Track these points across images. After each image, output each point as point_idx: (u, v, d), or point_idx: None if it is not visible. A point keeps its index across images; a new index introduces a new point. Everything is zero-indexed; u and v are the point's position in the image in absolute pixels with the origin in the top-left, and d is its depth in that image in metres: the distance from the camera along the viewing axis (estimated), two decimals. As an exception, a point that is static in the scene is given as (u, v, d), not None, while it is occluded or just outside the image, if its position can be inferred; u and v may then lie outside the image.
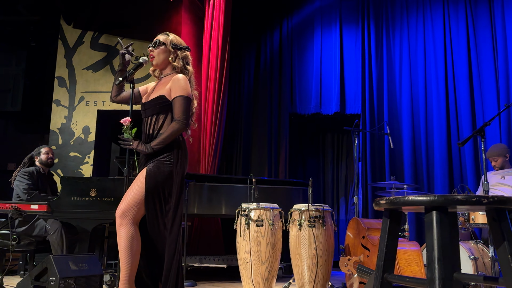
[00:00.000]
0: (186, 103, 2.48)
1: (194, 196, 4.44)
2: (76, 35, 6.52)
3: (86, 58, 6.46)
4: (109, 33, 6.49)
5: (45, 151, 4.50)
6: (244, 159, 6.68)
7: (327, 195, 6.74)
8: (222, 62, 6.09)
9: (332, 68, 6.53)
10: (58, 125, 6.30)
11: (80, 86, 6.39)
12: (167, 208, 2.43)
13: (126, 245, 2.32)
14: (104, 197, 3.88)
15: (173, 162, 2.46)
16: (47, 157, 4.48)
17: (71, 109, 6.34)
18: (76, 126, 6.28)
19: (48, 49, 7.07)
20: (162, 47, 2.61)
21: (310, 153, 7.01)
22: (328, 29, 6.68)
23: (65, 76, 6.44)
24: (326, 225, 3.66)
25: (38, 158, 4.47)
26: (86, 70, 6.43)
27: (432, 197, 1.04)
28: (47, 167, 4.51)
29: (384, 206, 1.19)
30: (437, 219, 1.04)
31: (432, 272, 0.99)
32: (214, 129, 5.97)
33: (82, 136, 6.24)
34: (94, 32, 6.51)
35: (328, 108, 6.46)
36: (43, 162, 4.45)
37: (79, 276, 3.18)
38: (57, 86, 6.43)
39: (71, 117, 6.31)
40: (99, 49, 6.47)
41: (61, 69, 6.47)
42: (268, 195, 4.47)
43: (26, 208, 3.66)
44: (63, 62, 6.49)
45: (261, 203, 3.73)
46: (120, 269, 2.36)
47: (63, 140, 6.24)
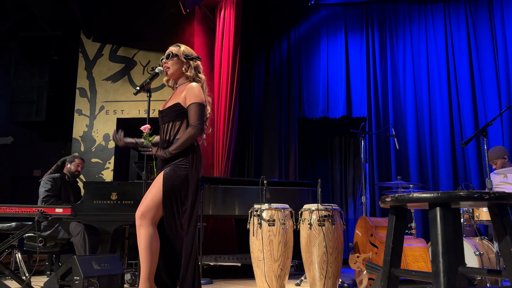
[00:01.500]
0: (200, 110, 2.50)
1: (209, 198, 4.45)
2: (95, 48, 6.61)
3: (105, 69, 6.54)
4: (126, 45, 6.56)
5: (77, 163, 4.52)
6: (256, 162, 6.68)
7: (336, 196, 6.71)
8: (233, 70, 6.11)
9: (338, 74, 6.52)
10: (80, 133, 6.38)
11: (100, 96, 6.46)
12: (184, 210, 2.45)
13: (145, 244, 2.34)
14: (124, 200, 3.92)
15: (188, 166, 2.48)
16: (76, 169, 4.52)
17: (92, 118, 6.42)
18: (97, 134, 6.35)
19: (70, 62, 7.17)
20: (175, 58, 2.64)
21: (319, 155, 6.99)
22: (334, 36, 6.68)
23: (86, 87, 6.52)
24: (335, 223, 3.64)
25: (69, 165, 4.51)
26: (106, 81, 6.50)
27: (436, 194, 1.04)
28: (73, 177, 4.55)
29: (389, 204, 1.19)
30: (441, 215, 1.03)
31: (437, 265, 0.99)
32: (226, 134, 5.99)
33: (102, 143, 6.31)
34: (113, 45, 6.58)
35: (335, 112, 6.45)
36: (71, 172, 4.50)
37: (101, 275, 3.21)
38: (78, 96, 6.51)
39: (92, 126, 6.38)
40: (117, 61, 6.55)
41: (82, 80, 6.55)
42: (279, 196, 4.46)
43: (51, 212, 3.70)
44: (83, 74, 6.57)
45: (273, 204, 3.73)
46: (140, 268, 2.38)
47: (85, 147, 6.31)
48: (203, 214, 4.18)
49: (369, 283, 3.34)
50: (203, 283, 3.86)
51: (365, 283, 3.39)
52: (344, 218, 6.31)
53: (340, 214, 3.78)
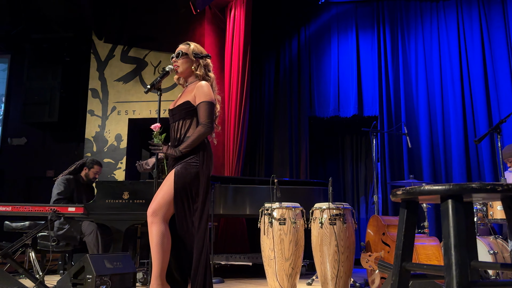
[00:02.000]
0: (209, 108, 2.52)
1: (220, 197, 4.46)
2: (107, 49, 6.67)
3: (117, 70, 6.60)
4: (137, 46, 6.61)
5: (96, 171, 4.56)
6: (266, 161, 6.68)
7: (347, 195, 6.68)
8: (243, 69, 6.13)
9: (350, 73, 6.50)
10: (93, 133, 6.45)
11: (112, 96, 6.53)
12: (195, 207, 2.46)
13: (157, 242, 2.35)
14: (136, 199, 3.95)
15: (199, 164, 2.49)
16: (93, 176, 4.56)
17: (104, 118, 6.48)
18: (109, 134, 6.41)
19: (82, 63, 7.24)
20: (184, 57, 2.65)
21: (330, 154, 6.97)
22: (345, 35, 6.66)
23: (98, 87, 6.59)
24: (347, 222, 3.62)
25: (87, 170, 4.54)
26: (117, 82, 6.56)
27: (448, 186, 1.03)
28: (88, 182, 4.59)
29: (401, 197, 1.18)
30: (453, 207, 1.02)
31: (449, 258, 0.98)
32: (237, 134, 6.00)
33: (114, 143, 6.37)
34: (124, 46, 6.64)
35: (346, 111, 6.43)
36: (88, 177, 4.54)
37: (114, 273, 3.24)
38: (90, 97, 6.58)
39: (104, 126, 6.44)
40: (128, 61, 6.60)
41: (94, 81, 6.62)
42: (290, 195, 4.45)
43: (64, 211, 3.75)
44: (95, 75, 6.64)
45: (283, 203, 3.72)
46: (152, 266, 2.40)
47: (97, 148, 6.38)
48: (214, 213, 4.19)
49: (381, 282, 3.32)
50: (214, 282, 3.87)
51: (378, 282, 3.37)
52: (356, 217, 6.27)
53: (352, 213, 3.76)
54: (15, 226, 4.34)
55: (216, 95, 2.68)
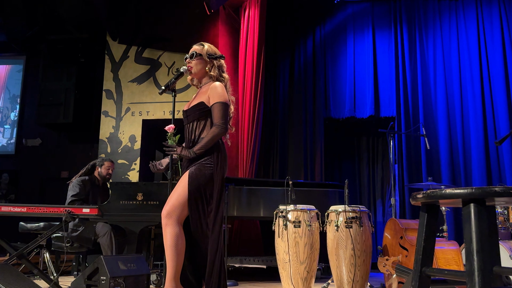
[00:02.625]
0: (224, 109, 2.52)
1: (234, 199, 4.47)
2: (121, 50, 6.74)
3: (131, 71, 6.66)
4: (151, 47, 6.66)
5: (107, 166, 4.59)
6: (281, 163, 6.67)
7: (364, 197, 6.63)
8: (257, 70, 6.13)
9: (366, 73, 6.45)
10: (107, 134, 6.52)
11: (126, 97, 6.59)
12: (209, 209, 2.47)
13: (171, 243, 2.37)
14: (150, 201, 3.98)
15: (213, 165, 2.50)
16: (107, 172, 4.59)
17: (118, 119, 6.55)
18: (123, 135, 6.47)
19: (96, 64, 7.34)
20: (198, 58, 2.66)
21: (346, 156, 6.93)
22: (361, 34, 6.62)
23: (112, 89, 6.66)
24: (363, 226, 3.60)
25: (99, 169, 4.58)
26: (131, 83, 6.62)
27: (470, 190, 1.01)
28: (103, 180, 4.63)
29: (421, 200, 1.17)
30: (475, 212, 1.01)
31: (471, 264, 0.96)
32: (251, 135, 6.01)
33: (128, 144, 6.43)
34: (138, 46, 6.70)
35: (363, 112, 6.38)
36: (101, 175, 4.58)
37: (128, 275, 3.26)
38: (105, 98, 6.65)
39: (118, 127, 6.51)
40: (142, 62, 6.66)
41: (108, 82, 6.69)
42: (305, 197, 4.44)
43: (78, 212, 3.79)
44: (110, 76, 6.71)
45: (298, 205, 3.72)
46: (166, 268, 2.41)
47: (112, 149, 6.44)
48: (228, 215, 4.20)
49: (399, 287, 3.28)
50: (228, 285, 3.87)
51: (395, 287, 3.33)
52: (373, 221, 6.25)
53: (368, 216, 3.74)
54: (30, 227, 4.41)
55: (230, 96, 2.69)
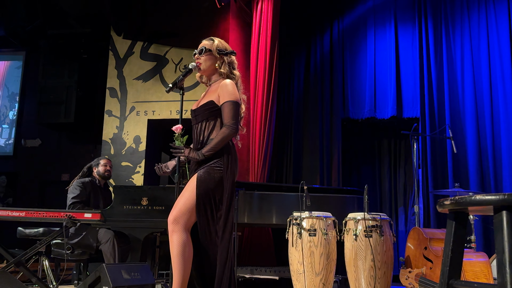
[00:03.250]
0: (234, 108, 2.53)
1: (244, 205, 4.46)
2: (126, 46, 6.80)
3: (136, 68, 6.72)
4: (158, 42, 6.72)
5: (104, 163, 4.63)
6: (295, 167, 6.66)
7: (384, 205, 6.58)
8: (270, 67, 6.13)
9: (387, 70, 6.41)
10: (110, 135, 6.57)
11: (130, 96, 6.65)
12: (218, 215, 2.48)
13: (178, 251, 2.38)
14: (155, 206, 3.99)
15: (223, 168, 2.51)
16: (105, 169, 4.62)
17: (122, 119, 6.60)
18: (127, 136, 6.52)
19: (99, 61, 7.41)
20: (208, 53, 2.67)
21: (365, 159, 6.89)
22: (382, 29, 6.58)
23: (116, 86, 6.72)
24: (384, 235, 3.57)
25: (96, 169, 4.62)
26: (137, 80, 6.68)
27: (502, 196, 1.00)
28: (104, 179, 4.66)
29: (448, 207, 1.16)
30: (508, 220, 0.99)
31: (503, 276, 0.95)
32: (263, 136, 6.01)
33: (133, 145, 6.48)
34: (144, 42, 6.76)
35: (384, 112, 6.34)
36: (101, 174, 4.62)
37: (131, 285, 3.28)
38: (108, 96, 6.72)
39: (122, 127, 6.56)
40: (148, 59, 6.71)
41: (112, 79, 6.76)
42: (321, 204, 4.40)
43: (80, 217, 3.83)
44: (114, 73, 6.77)
45: (314, 212, 3.70)
46: (172, 278, 2.42)
47: (115, 150, 6.50)
48: (238, 222, 4.20)
49: (422, 302, 3.25)
50: (238, 297, 3.87)
51: (418, 302, 3.30)
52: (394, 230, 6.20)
53: (390, 224, 3.72)
54: (28, 233, 4.46)
55: (242, 95, 2.69)
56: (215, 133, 2.56)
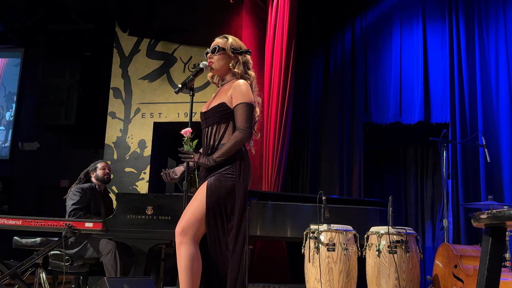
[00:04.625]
0: (248, 111, 2.53)
1: (257, 216, 4.47)
2: (131, 43, 6.87)
3: (142, 67, 6.77)
4: (166, 40, 6.77)
5: (102, 166, 4.67)
6: (312, 175, 6.64)
7: (410, 218, 6.53)
8: (286, 66, 6.14)
9: (414, 71, 6.38)
10: (113, 138, 6.63)
11: (136, 97, 6.70)
12: (230, 227, 2.47)
13: (186, 265, 2.38)
14: (161, 215, 4.01)
15: (235, 176, 2.51)
16: (104, 172, 4.66)
17: (126, 121, 6.65)
18: (131, 139, 6.57)
19: (103, 59, 7.48)
20: (221, 52, 2.68)
21: (389, 168, 6.86)
22: (409, 26, 6.56)
23: (120, 86, 6.79)
24: (410, 251, 3.57)
25: (94, 174, 4.66)
26: (142, 80, 6.73)
27: (546, 210, 0.98)
28: (104, 184, 4.70)
29: (485, 222, 1.14)
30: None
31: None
32: (278, 142, 6.01)
33: (138, 150, 6.52)
34: (151, 39, 6.82)
35: (410, 117, 6.31)
36: (100, 178, 4.65)
37: (134, 300, 3.28)
38: (112, 97, 6.78)
39: (126, 130, 6.61)
40: (155, 57, 6.77)
41: (116, 79, 6.82)
42: (341, 216, 4.40)
43: (80, 226, 3.85)
44: (118, 72, 6.84)
45: (333, 225, 3.71)
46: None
47: (118, 155, 6.55)
48: (249, 234, 4.20)
49: (452, 325, 3.22)
50: (249, 316, 3.86)
51: (447, 325, 3.26)
52: (421, 246, 6.14)
53: (416, 239, 3.73)
54: (25, 243, 4.49)
55: (256, 97, 2.70)
56: (227, 138, 2.56)
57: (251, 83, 2.68)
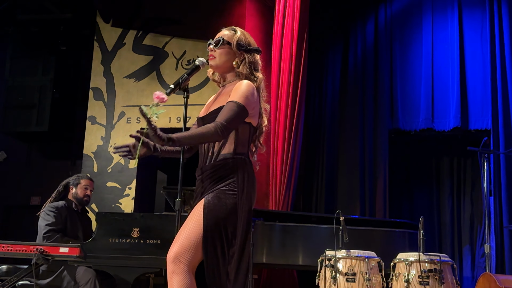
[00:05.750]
0: (238, 113, 2.50)
1: (262, 240, 4.47)
2: (115, 36, 6.89)
3: (128, 63, 6.79)
4: (155, 31, 6.79)
5: (85, 185, 4.65)
6: (328, 191, 6.65)
7: (445, 242, 6.54)
8: (297, 64, 6.15)
9: (449, 68, 6.41)
10: (93, 148, 6.64)
11: (120, 99, 6.72)
12: (231, 253, 2.47)
13: (179, 298, 2.37)
14: (149, 239, 4.01)
15: (237, 192, 2.50)
16: (84, 193, 4.65)
17: (109, 127, 6.67)
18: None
19: (82, 54, 7.50)
20: (226, 47, 2.68)
21: (420, 183, 6.86)
22: (443, 16, 6.58)
23: (102, 86, 6.80)
24: (445, 282, 3.59)
25: (73, 190, 4.66)
26: (128, 79, 6.75)
27: None
28: (80, 205, 4.70)
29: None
30: None
31: None
32: (287, 152, 6.01)
33: (122, 161, 6.53)
34: (138, 31, 6.84)
35: (444, 122, 6.33)
36: (78, 198, 4.64)
37: None
38: (92, 99, 6.80)
39: (109, 138, 6.62)
40: (143, 52, 6.79)
41: (97, 78, 6.84)
42: (362, 240, 4.42)
43: (54, 252, 3.86)
44: (99, 70, 6.86)
45: (353, 250, 3.73)
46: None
47: (99, 167, 6.55)
48: (254, 262, 4.19)
49: None
50: None
51: None
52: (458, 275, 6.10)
53: (452, 268, 3.74)
54: (-12, 271, 4.50)
55: (264, 104, 2.69)
56: (229, 148, 2.55)
57: (257, 86, 2.67)
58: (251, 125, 2.61)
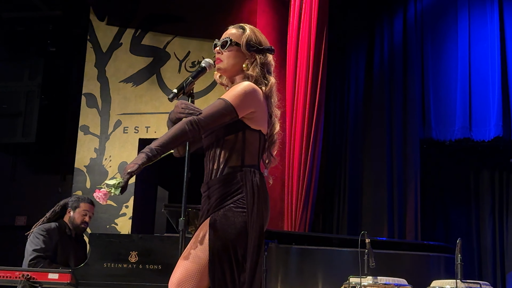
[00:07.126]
0: (220, 109, 2.48)
1: (277, 265, 4.47)
2: (111, 35, 6.92)
3: (125, 66, 6.82)
4: (156, 30, 6.81)
5: (84, 210, 4.64)
6: (351, 210, 6.63)
7: (485, 268, 6.50)
8: (316, 65, 6.15)
9: (489, 70, 6.39)
10: (86, 161, 6.65)
11: (116, 106, 6.73)
12: (241, 279, 2.46)
13: (183, 332, 2.37)
14: (148, 264, 4.01)
15: (247, 209, 2.50)
16: (82, 219, 4.64)
17: (103, 138, 6.68)
18: (109, 162, 6.59)
19: (73, 56, 7.54)
20: (234, 48, 2.69)
21: (456, 200, 6.83)
22: (481, 10, 6.57)
23: (95, 92, 6.83)
24: (485, 313, 3.54)
25: (71, 213, 4.65)
26: (125, 84, 6.78)
27: None
28: (75, 231, 4.70)
29: None
30: None
31: None
32: (305, 165, 6.00)
33: (118, 176, 6.52)
34: (136, 29, 6.86)
35: (483, 132, 6.30)
36: (74, 224, 4.64)
37: None
38: (84, 106, 6.82)
39: (103, 150, 6.64)
40: (142, 53, 6.81)
41: (91, 82, 6.87)
42: (391, 265, 4.42)
43: (42, 278, 3.87)
44: (93, 73, 6.89)
45: (380, 277, 3.72)
46: None
47: (92, 183, 6.56)
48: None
49: None
50: None
51: None
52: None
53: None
54: (-32, 301, 4.52)
55: (275, 110, 2.69)
56: (236, 160, 2.55)
57: (269, 91, 2.67)
58: (261, 133, 2.60)
